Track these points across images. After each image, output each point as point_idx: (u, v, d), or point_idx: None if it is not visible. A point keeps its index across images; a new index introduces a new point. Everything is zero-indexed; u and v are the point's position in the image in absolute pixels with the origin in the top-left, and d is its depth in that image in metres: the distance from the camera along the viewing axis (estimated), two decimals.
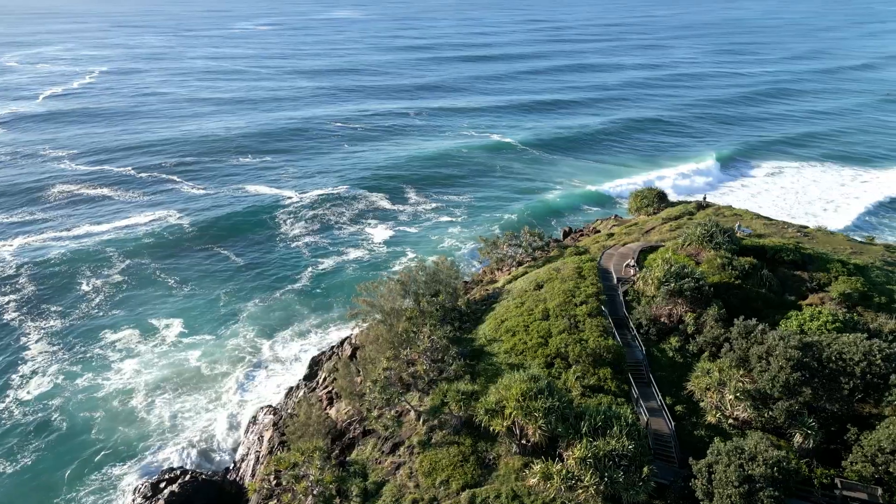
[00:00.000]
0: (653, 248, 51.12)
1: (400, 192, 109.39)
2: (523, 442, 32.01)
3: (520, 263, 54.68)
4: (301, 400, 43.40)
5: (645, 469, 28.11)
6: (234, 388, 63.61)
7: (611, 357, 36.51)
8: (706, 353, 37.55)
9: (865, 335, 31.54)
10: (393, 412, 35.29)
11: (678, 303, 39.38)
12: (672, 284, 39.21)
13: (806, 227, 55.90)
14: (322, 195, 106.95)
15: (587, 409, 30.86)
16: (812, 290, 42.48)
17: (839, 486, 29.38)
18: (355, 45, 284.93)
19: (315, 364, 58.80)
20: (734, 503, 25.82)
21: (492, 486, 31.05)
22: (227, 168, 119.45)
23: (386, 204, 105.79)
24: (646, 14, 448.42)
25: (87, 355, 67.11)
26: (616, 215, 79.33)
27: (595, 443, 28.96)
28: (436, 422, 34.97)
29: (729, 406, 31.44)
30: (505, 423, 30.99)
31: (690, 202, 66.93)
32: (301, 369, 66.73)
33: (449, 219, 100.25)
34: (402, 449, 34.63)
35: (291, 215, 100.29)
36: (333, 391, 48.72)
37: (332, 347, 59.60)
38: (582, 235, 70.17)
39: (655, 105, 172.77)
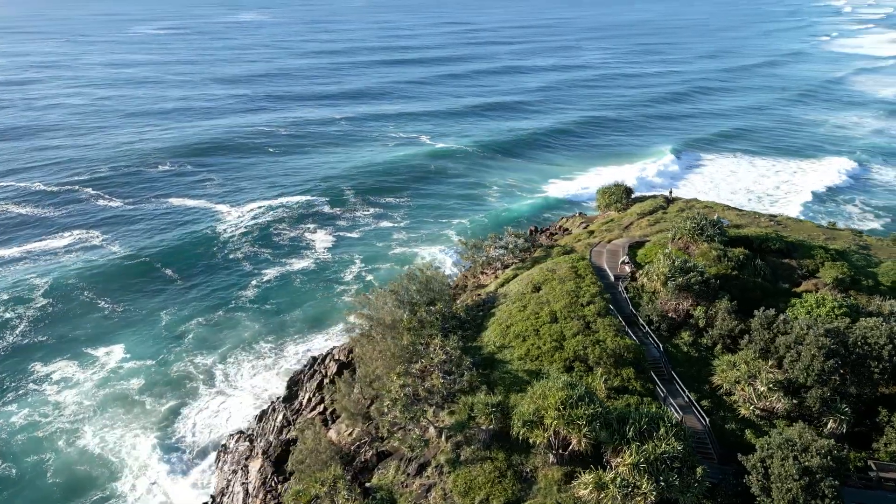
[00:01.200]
0: (639, 244, 51.31)
1: (338, 200, 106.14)
2: (561, 452, 30.77)
3: (505, 266, 53.59)
4: (305, 424, 40.37)
5: (699, 470, 27.49)
6: (187, 417, 59.45)
7: (631, 357, 35.93)
8: (719, 346, 37.72)
9: (881, 319, 32.36)
10: (416, 431, 33.16)
11: (684, 297, 39.35)
12: (679, 279, 39.15)
13: (775, 216, 57.94)
14: (257, 207, 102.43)
15: (629, 412, 29.99)
16: (803, 277, 43.67)
17: (874, 468, 29.94)
18: (268, 49, 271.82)
19: (294, 384, 55.39)
20: (795, 496, 25.56)
21: (535, 501, 29.60)
22: (148, 182, 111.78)
23: (325, 210, 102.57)
24: (556, 17, 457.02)
25: (21, 391, 60.98)
26: (580, 212, 79.88)
27: (644, 447, 28.11)
28: (461, 437, 33.13)
29: (762, 397, 31.39)
30: (546, 434, 29.63)
31: (658, 196, 68.14)
32: (260, 390, 63.27)
33: (390, 224, 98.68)
34: (429, 469, 32.60)
35: (227, 229, 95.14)
36: (328, 412, 45.85)
37: (312, 365, 56.34)
38: (553, 235, 70.03)
39: (586, 105, 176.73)
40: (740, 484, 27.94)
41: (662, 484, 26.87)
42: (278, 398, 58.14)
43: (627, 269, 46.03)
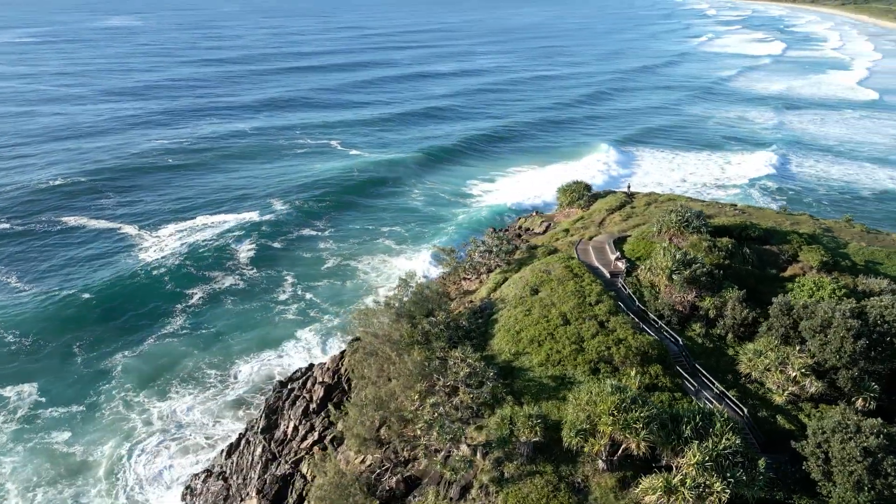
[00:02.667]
0: (622, 240, 51.60)
1: (260, 214, 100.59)
2: (611, 457, 29.74)
3: (489, 270, 52.25)
4: (325, 457, 36.97)
5: (760, 462, 27.30)
6: (133, 464, 53.74)
7: (656, 353, 35.57)
8: (730, 336, 38.22)
9: (890, 296, 33.79)
10: (459, 452, 31.00)
11: (689, 289, 39.62)
12: (686, 272, 39.38)
13: (736, 205, 60.34)
14: (174, 228, 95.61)
15: (680, 411, 29.43)
16: (787, 262, 45.31)
17: None
18: (152, 58, 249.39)
19: (272, 413, 51.20)
20: (860, 478, 25.82)
21: None
22: (46, 209, 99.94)
23: (247, 226, 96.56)
24: (445, 21, 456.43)
25: None
26: (537, 211, 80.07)
27: (704, 444, 27.59)
28: (500, 453, 31.34)
29: (794, 382, 31.83)
30: (603, 442, 28.48)
31: (618, 192, 69.30)
32: (212, 423, 58.48)
33: (317, 235, 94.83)
34: (473, 492, 30.58)
35: (143, 253, 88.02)
36: (327, 439, 42.50)
37: (291, 391, 52.34)
38: (520, 235, 69.52)
39: (503, 110, 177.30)
40: (798, 471, 28.02)
41: (731, 480, 26.41)
42: (250, 429, 53.79)
43: (621, 265, 45.96)
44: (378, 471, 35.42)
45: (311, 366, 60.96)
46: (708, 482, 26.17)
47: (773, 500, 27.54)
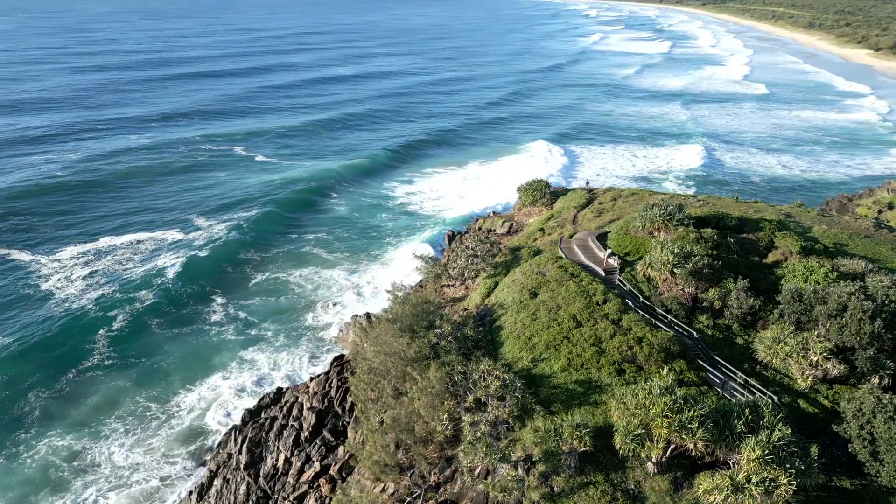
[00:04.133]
0: (603, 236, 51.80)
1: (179, 229, 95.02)
2: (661, 460, 29.20)
3: (474, 275, 50.88)
4: (340, 488, 34.03)
5: (813, 449, 27.61)
6: None
7: (677, 349, 35.54)
8: (736, 325, 38.97)
9: (887, 276, 35.51)
10: (510, 471, 29.35)
11: (693, 282, 40.09)
12: (689, 265, 39.79)
13: (696, 195, 62.35)
14: (79, 252, 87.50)
15: (728, 406, 29.32)
16: (767, 249, 47.02)
17: None
18: (19, 66, 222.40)
19: (256, 445, 47.15)
20: None
21: None
22: None
23: (166, 243, 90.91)
24: (338, 23, 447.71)
25: None
26: (494, 212, 79.55)
27: (759, 437, 27.57)
28: (545, 467, 30.04)
29: (817, 367, 32.68)
30: (660, 445, 27.83)
31: (577, 189, 69.94)
32: (161, 462, 53.29)
33: (236, 247, 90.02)
34: None
35: (49, 278, 79.77)
36: (333, 469, 39.42)
37: (272, 420, 48.43)
38: (487, 237, 68.50)
39: (425, 112, 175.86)
40: (845, 453, 28.63)
41: (793, 472, 26.49)
42: (224, 465, 49.49)
43: (614, 262, 45.95)
44: (408, 499, 33.12)
45: (281, 390, 57.24)
46: (772, 476, 26.10)
47: (829, 485, 27.97)
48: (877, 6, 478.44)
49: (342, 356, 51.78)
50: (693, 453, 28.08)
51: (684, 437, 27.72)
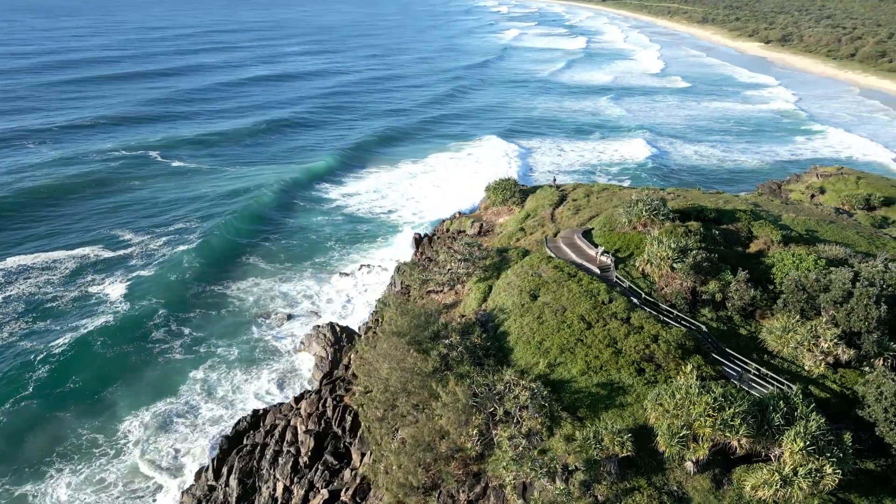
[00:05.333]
0: (587, 233, 51.89)
1: (100, 243, 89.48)
2: (699, 458, 29.19)
3: (461, 280, 49.74)
4: None
5: (846, 436, 28.33)
6: None
7: (692, 344, 35.83)
8: (737, 317, 39.80)
9: (882, 261, 37.16)
10: (556, 484, 28.44)
11: (693, 276, 40.64)
12: (690, 259, 40.28)
13: (665, 188, 63.73)
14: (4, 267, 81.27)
15: (764, 399, 29.62)
16: (748, 240, 48.45)
17: None
18: None
19: (247, 476, 44.09)
20: None
21: None
22: None
23: (105, 258, 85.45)
24: (246, 20, 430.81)
25: None
26: (459, 212, 78.62)
27: (796, 429, 27.99)
28: (585, 476, 29.41)
29: (828, 353, 33.70)
30: (706, 445, 27.74)
31: (545, 186, 70.01)
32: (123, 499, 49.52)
33: (166, 259, 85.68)
34: None
35: None
36: (345, 494, 37.21)
37: (262, 447, 45.41)
38: (454, 239, 67.42)
39: (372, 110, 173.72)
40: (871, 436, 29.57)
41: (833, 460, 27.03)
42: (211, 499, 46.20)
43: (607, 259, 46.03)
44: None
45: (259, 412, 54.22)
46: (817, 466, 26.53)
47: (861, 469, 28.78)
48: (760, 1, 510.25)
49: (330, 373, 49.38)
50: (736, 450, 28.20)
51: (728, 434, 27.77)
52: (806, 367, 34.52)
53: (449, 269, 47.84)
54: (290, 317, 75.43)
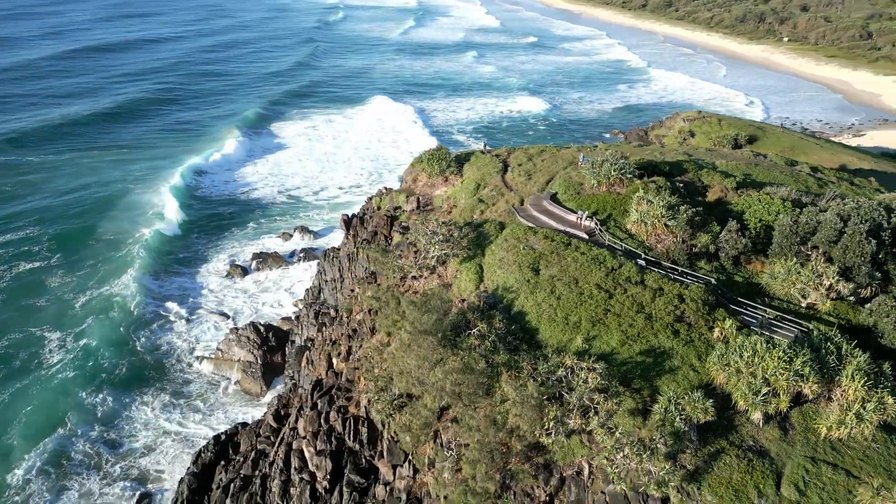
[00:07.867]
0: (554, 197, 51.51)
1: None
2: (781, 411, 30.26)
3: (442, 262, 47.21)
4: None
5: (885, 366, 30.94)
6: None
7: (714, 299, 36.97)
8: (730, 265, 41.83)
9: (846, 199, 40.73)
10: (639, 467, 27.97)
11: (687, 230, 41.94)
12: (682, 216, 41.37)
13: (598, 145, 65.11)
14: None
15: (813, 343, 31.27)
16: (704, 189, 50.98)
17: None
18: None
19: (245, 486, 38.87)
20: None
21: (795, 463, 28.75)
22: None
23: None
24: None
25: None
26: (386, 187, 74.63)
27: (851, 367, 30.02)
28: (668, 448, 29.40)
29: (831, 289, 36.55)
30: (787, 398, 28.80)
31: (477, 153, 68.19)
32: None
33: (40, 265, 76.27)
34: (672, 498, 28.20)
35: None
36: None
37: (262, 478, 40.19)
38: (393, 223, 63.91)
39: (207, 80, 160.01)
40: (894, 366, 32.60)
41: (888, 389, 29.42)
42: None
43: (591, 223, 45.96)
44: None
45: (221, 437, 48.71)
46: (885, 400, 28.65)
47: None
48: None
49: (320, 381, 44.81)
50: (808, 397, 29.64)
51: (801, 384, 29.02)
52: (808, 304, 37.12)
53: (431, 253, 44.96)
54: (192, 317, 69.89)
